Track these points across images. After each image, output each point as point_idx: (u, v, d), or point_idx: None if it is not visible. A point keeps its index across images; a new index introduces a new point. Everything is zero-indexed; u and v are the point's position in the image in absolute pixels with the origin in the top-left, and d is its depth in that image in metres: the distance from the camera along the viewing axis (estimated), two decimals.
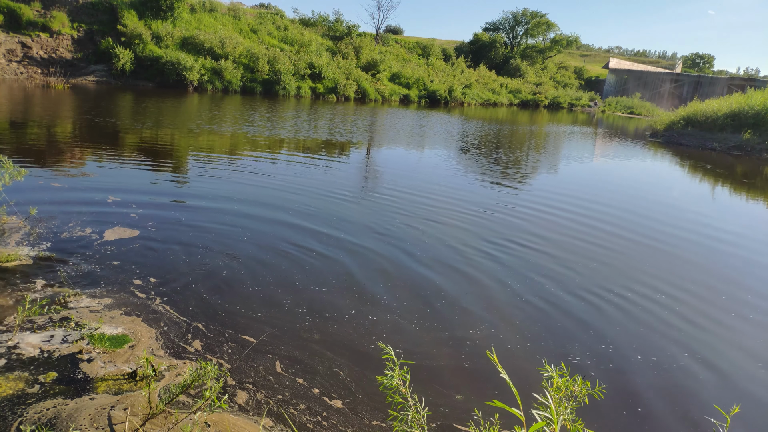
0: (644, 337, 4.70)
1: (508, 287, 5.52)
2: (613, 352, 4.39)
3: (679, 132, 25.91)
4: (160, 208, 7.18)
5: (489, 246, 6.81)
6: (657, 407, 3.69)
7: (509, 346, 4.33)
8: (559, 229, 7.95)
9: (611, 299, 5.45)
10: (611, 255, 6.93)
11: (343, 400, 3.44)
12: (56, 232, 5.80)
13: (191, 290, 4.77)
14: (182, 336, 4.00)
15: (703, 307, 5.49)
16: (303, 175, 10.25)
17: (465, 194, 9.89)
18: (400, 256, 6.16)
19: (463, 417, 3.36)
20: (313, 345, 4.08)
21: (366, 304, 4.86)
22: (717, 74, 75.38)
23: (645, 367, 4.19)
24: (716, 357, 4.47)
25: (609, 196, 11.08)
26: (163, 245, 5.76)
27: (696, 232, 8.60)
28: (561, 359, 4.18)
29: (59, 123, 14.10)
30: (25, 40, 26.46)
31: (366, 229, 7.02)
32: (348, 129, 19.14)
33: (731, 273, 6.73)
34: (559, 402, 1.91)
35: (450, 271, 5.86)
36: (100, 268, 4.99)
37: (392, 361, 2.17)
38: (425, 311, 4.83)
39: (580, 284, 5.78)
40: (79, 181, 8.21)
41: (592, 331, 4.73)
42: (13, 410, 2.99)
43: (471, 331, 4.52)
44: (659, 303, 5.46)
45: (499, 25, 63.13)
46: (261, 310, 4.54)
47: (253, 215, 7.22)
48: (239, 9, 39.12)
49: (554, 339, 4.54)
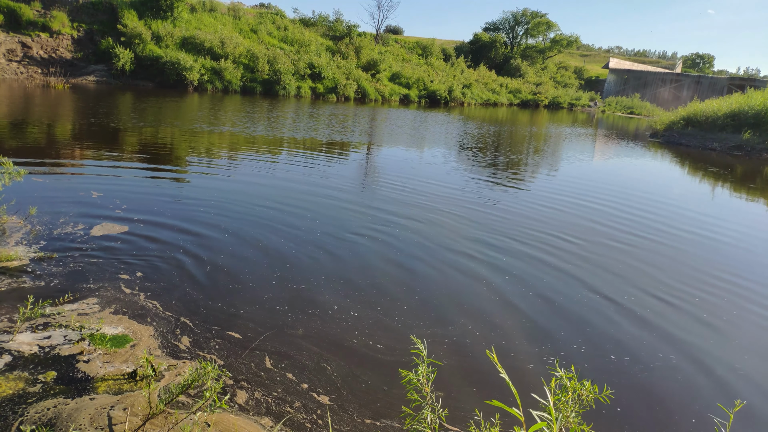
0: (644, 336, 4.70)
1: (491, 284, 5.53)
2: (607, 350, 4.39)
3: (679, 132, 25.91)
4: (160, 207, 7.18)
5: (475, 244, 6.81)
6: (656, 406, 3.69)
7: (486, 344, 4.33)
8: (557, 228, 7.95)
9: (607, 298, 5.45)
10: (610, 255, 6.93)
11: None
12: (56, 232, 5.80)
13: (193, 290, 4.77)
14: (182, 336, 4.00)
15: (706, 306, 5.49)
16: (299, 175, 10.25)
17: (459, 193, 9.89)
18: (387, 254, 6.17)
19: (444, 414, 3.37)
20: (313, 344, 4.09)
21: (369, 301, 4.87)
22: (717, 74, 75.37)
23: (645, 367, 4.19)
24: (720, 356, 4.47)
25: (608, 196, 11.07)
26: (164, 245, 5.76)
27: (696, 231, 8.60)
28: (552, 357, 4.19)
29: (59, 123, 14.10)
30: (25, 40, 26.46)
31: (356, 227, 7.03)
32: (347, 129, 19.14)
33: (737, 271, 6.72)
34: (565, 404, 1.91)
35: (432, 268, 5.87)
36: (100, 268, 5.00)
37: (420, 358, 2.16)
38: (404, 308, 4.84)
39: (575, 283, 5.78)
40: (79, 181, 8.21)
41: (588, 328, 4.73)
42: (13, 410, 3.00)
43: (450, 328, 4.55)
44: (658, 302, 5.47)
45: (499, 25, 63.15)
46: (261, 310, 4.55)
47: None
48: (239, 9, 39.12)
49: (544, 337, 4.54)
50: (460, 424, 3.30)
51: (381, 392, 3.56)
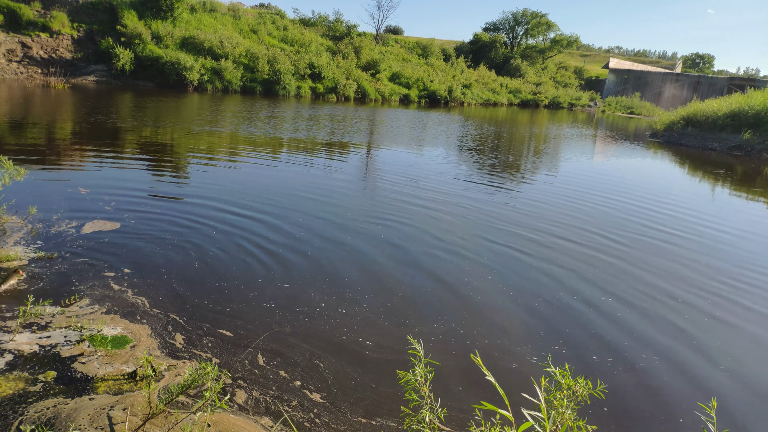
0: (642, 336, 4.72)
1: (476, 282, 5.54)
2: (590, 350, 4.40)
3: (679, 132, 25.92)
4: (160, 207, 7.19)
5: (462, 242, 6.83)
6: (655, 406, 3.71)
7: (471, 341, 4.35)
8: (555, 227, 7.96)
9: (596, 298, 5.46)
10: (609, 254, 6.95)
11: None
12: (56, 232, 5.82)
13: (194, 291, 4.78)
14: (183, 336, 4.02)
15: (693, 306, 5.51)
16: (295, 174, 10.26)
17: (451, 193, 9.90)
18: (373, 252, 6.18)
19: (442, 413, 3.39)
20: (304, 341, 4.10)
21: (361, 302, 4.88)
22: (717, 74, 75.37)
23: (644, 366, 4.21)
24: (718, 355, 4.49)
25: (608, 196, 11.08)
26: (164, 245, 5.77)
27: (696, 230, 8.61)
28: (542, 353, 4.20)
29: (59, 123, 14.11)
30: (25, 40, 26.47)
31: (343, 225, 7.04)
32: (346, 129, 19.15)
33: (737, 271, 6.73)
34: (561, 401, 1.92)
35: (417, 266, 5.89)
36: (99, 269, 5.01)
37: (417, 358, 2.18)
38: (389, 305, 4.86)
39: (566, 282, 5.79)
40: (79, 181, 8.22)
41: (580, 328, 4.74)
42: (13, 409, 3.01)
43: (435, 326, 4.58)
44: (657, 301, 5.48)
45: (499, 25, 63.16)
46: (260, 310, 4.56)
47: (259, 214, 7.24)
48: (239, 9, 39.13)
49: (531, 334, 4.55)
50: (452, 423, 3.31)
51: (369, 390, 3.60)
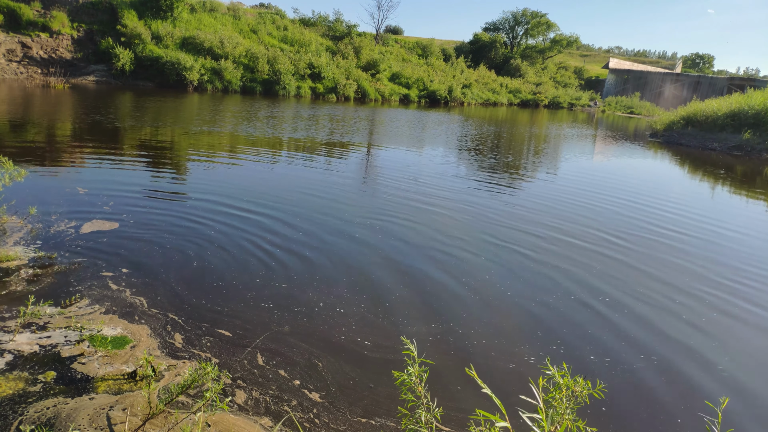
0: (641, 336, 4.71)
1: (472, 282, 5.54)
2: (587, 350, 4.40)
3: (679, 132, 25.91)
4: (159, 207, 7.19)
5: (458, 242, 6.83)
6: (655, 406, 3.71)
7: (469, 341, 4.35)
8: (555, 227, 7.96)
9: (591, 298, 5.46)
10: (608, 254, 6.94)
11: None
12: (56, 232, 5.82)
13: (193, 291, 4.78)
14: (182, 336, 4.02)
15: (692, 306, 5.51)
16: (294, 174, 10.26)
17: (450, 192, 9.90)
18: (370, 252, 6.18)
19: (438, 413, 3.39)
20: (302, 341, 4.10)
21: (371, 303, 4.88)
22: (717, 74, 75.36)
23: (643, 366, 4.21)
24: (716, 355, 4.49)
25: (607, 196, 11.08)
26: (164, 245, 5.77)
27: (696, 230, 8.61)
28: (540, 353, 4.20)
29: (59, 123, 14.11)
30: (25, 40, 26.47)
31: (340, 225, 7.04)
32: (345, 129, 19.15)
33: (735, 270, 6.74)
34: (560, 402, 1.92)
35: (417, 267, 5.89)
36: (99, 269, 5.01)
37: (412, 359, 2.18)
38: (387, 305, 4.86)
39: (563, 283, 5.79)
40: (78, 181, 8.22)
41: (578, 328, 4.74)
42: (13, 409, 3.01)
43: (434, 325, 4.59)
44: (656, 300, 5.48)
45: (499, 25, 63.14)
46: (259, 309, 4.56)
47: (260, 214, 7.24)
48: (239, 9, 39.13)
49: (528, 335, 4.55)
50: (452, 423, 3.31)
51: (368, 389, 3.61)
